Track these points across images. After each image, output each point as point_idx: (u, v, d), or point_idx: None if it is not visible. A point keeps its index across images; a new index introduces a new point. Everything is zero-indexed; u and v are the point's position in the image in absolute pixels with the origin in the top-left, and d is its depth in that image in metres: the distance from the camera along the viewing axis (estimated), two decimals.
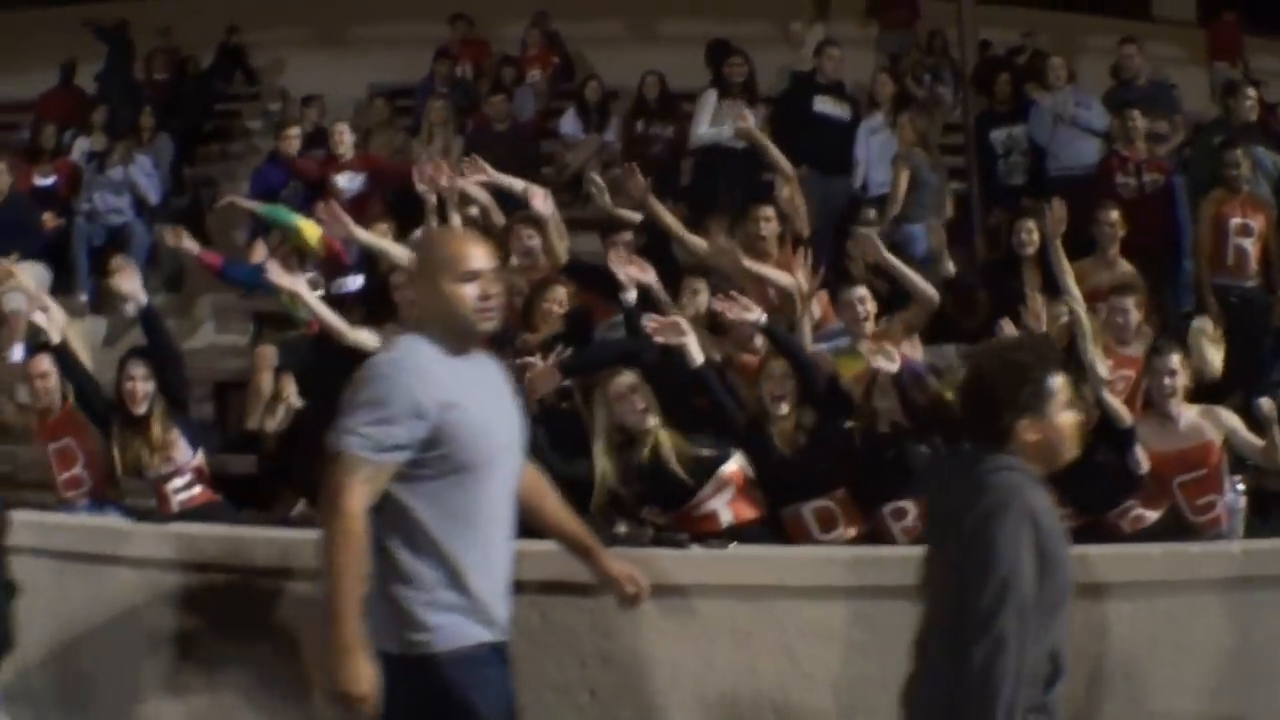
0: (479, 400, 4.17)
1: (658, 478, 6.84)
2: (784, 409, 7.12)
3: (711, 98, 12.04)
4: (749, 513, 6.91)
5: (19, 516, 6.45)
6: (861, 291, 8.27)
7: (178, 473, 7.81)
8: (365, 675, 3.91)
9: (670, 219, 9.00)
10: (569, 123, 13.98)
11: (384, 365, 4.10)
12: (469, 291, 4.17)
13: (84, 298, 12.10)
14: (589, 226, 10.88)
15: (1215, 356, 9.32)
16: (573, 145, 13.77)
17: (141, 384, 7.74)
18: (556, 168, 13.56)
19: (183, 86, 16.22)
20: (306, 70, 16.96)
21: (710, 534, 6.68)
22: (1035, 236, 9.45)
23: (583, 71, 15.69)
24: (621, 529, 6.56)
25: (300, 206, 12.02)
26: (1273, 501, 7.63)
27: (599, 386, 7.06)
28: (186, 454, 7.85)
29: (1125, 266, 9.53)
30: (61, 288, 11.76)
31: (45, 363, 8.01)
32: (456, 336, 4.21)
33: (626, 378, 6.98)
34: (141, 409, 7.75)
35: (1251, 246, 10.11)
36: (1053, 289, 8.47)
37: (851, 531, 7.01)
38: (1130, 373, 8.16)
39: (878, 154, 11.97)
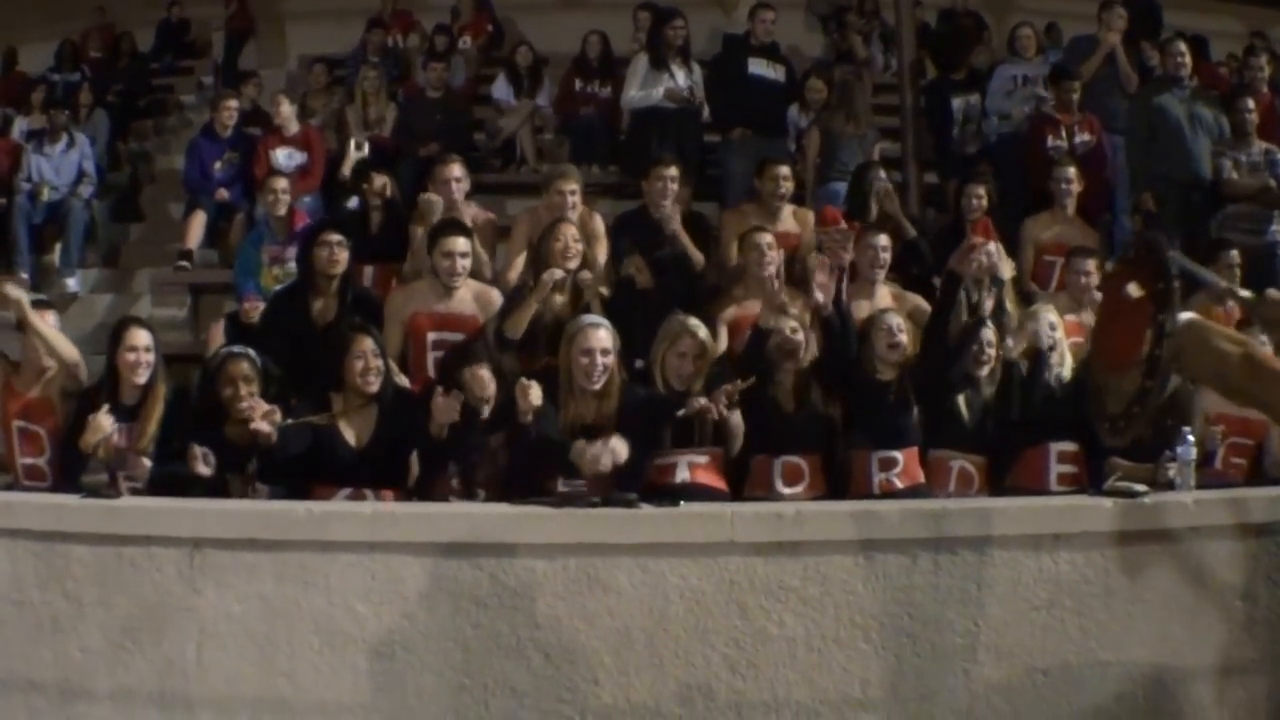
0: None
1: None
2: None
3: (642, 61, 12.08)
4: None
5: None
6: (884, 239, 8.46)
7: None
8: None
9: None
10: (501, 89, 14.03)
11: None
12: None
13: (24, 275, 12.00)
14: (521, 191, 10.86)
15: None
16: (506, 111, 13.80)
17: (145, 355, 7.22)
18: (489, 133, 13.57)
19: (118, 63, 16.45)
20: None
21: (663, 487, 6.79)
22: (983, 202, 9.70)
23: (512, 38, 15.73)
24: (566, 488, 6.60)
25: (235, 180, 11.99)
26: None
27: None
28: None
29: (1084, 227, 9.78)
30: (1, 267, 11.90)
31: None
32: None
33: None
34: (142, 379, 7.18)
35: None
36: None
37: (812, 491, 7.22)
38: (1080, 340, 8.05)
39: None
